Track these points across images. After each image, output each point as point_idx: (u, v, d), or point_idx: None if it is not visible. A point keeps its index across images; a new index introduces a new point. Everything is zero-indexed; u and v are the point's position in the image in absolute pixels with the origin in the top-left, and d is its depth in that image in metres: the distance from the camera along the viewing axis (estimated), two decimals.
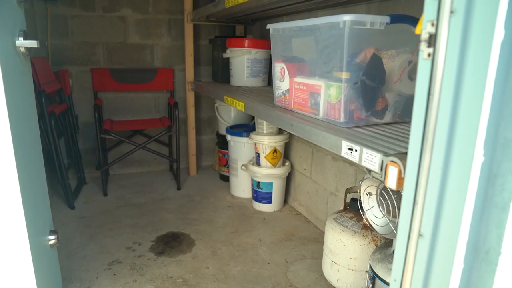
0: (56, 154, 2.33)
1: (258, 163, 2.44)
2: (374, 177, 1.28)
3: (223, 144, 2.89)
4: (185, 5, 2.84)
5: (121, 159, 2.77)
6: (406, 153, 0.76)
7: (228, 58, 2.47)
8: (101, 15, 2.85)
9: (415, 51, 1.23)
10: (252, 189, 2.51)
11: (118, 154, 3.00)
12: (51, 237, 1.37)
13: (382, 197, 1.30)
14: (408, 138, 1.03)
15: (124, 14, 2.91)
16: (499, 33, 0.55)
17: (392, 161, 0.86)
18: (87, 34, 2.84)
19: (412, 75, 1.26)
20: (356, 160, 0.99)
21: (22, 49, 1.14)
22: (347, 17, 1.08)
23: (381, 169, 0.90)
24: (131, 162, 3.16)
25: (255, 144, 2.42)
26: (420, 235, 0.72)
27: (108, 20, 2.87)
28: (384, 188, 1.30)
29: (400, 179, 0.84)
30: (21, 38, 1.12)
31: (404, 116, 1.31)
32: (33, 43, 1.11)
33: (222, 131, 2.92)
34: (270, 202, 2.47)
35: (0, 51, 0.96)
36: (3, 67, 0.97)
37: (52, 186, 2.67)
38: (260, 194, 2.46)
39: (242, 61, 2.35)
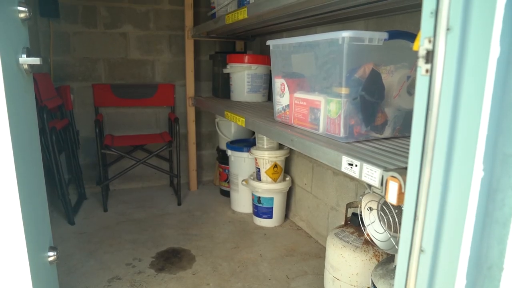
0: (57, 169, 2.33)
1: (258, 178, 2.43)
2: (374, 192, 1.28)
3: (223, 159, 2.89)
4: (185, 22, 2.88)
5: (122, 174, 2.77)
6: (406, 168, 0.77)
7: (228, 74, 2.49)
8: (102, 32, 2.88)
9: (413, 66, 1.25)
10: (253, 204, 2.50)
11: (119, 169, 3.00)
12: (51, 253, 1.36)
13: (383, 212, 1.29)
14: (408, 153, 1.03)
15: (125, 31, 2.94)
16: (495, 50, 0.56)
17: (392, 176, 0.86)
18: (88, 50, 2.88)
19: (411, 90, 1.27)
20: (356, 175, 0.99)
21: (25, 66, 1.15)
22: (346, 34, 1.09)
23: (382, 184, 0.90)
24: (132, 177, 3.16)
25: (256, 159, 2.42)
26: (421, 250, 0.71)
27: (110, 36, 2.91)
28: (385, 203, 1.30)
29: (401, 194, 0.84)
30: (24, 55, 1.13)
31: (403, 130, 1.32)
32: (36, 60, 1.12)
33: (223, 146, 2.93)
34: (271, 217, 2.45)
35: (3, 68, 0.97)
36: (6, 84, 0.98)
37: (52, 201, 2.67)
38: (261, 209, 2.45)
39: (242, 76, 2.37)
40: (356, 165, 0.99)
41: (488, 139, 0.62)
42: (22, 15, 1.12)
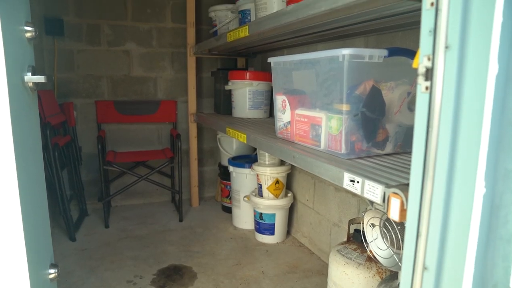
0: (59, 185, 2.33)
1: (260, 194, 2.43)
2: (376, 209, 1.27)
3: (225, 175, 2.89)
4: (188, 39, 2.92)
5: (124, 190, 2.77)
6: (408, 185, 0.77)
7: (230, 90, 2.51)
8: (106, 49, 2.92)
9: (414, 83, 1.26)
10: (255, 220, 2.49)
11: (121, 185, 2.99)
12: (52, 271, 1.35)
13: (385, 229, 1.29)
14: (409, 169, 1.04)
15: (128, 48, 2.98)
16: (493, 67, 0.57)
17: (394, 193, 0.86)
18: (92, 68, 2.91)
19: (411, 106, 1.28)
20: (358, 192, 0.99)
21: (30, 84, 1.17)
22: (346, 51, 1.10)
23: (384, 201, 0.90)
24: (133, 193, 3.15)
25: (257, 175, 2.42)
26: (425, 268, 0.71)
27: (113, 54, 2.95)
28: (387, 219, 1.29)
29: (403, 211, 0.84)
30: (29, 74, 1.14)
31: (405, 146, 1.32)
32: (41, 79, 1.13)
33: (225, 162, 2.93)
34: (273, 233, 2.44)
35: (9, 86, 0.98)
36: (11, 102, 1.00)
37: (54, 217, 2.66)
38: (263, 225, 2.43)
39: (244, 93, 2.39)
40: (357, 182, 0.99)
41: (489, 155, 0.62)
42: (28, 35, 1.14)
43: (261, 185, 2.40)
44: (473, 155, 0.62)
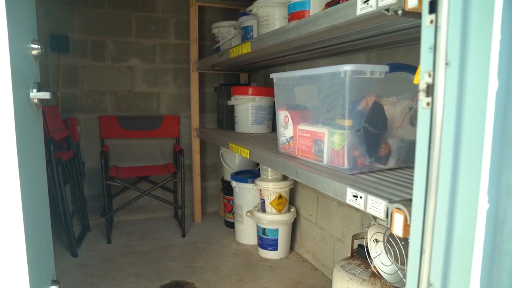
0: (62, 201, 2.33)
1: (263, 209, 2.42)
2: (380, 224, 1.27)
3: (228, 190, 2.88)
4: (191, 55, 2.96)
5: (126, 205, 2.76)
6: (411, 200, 0.76)
7: (232, 105, 2.53)
8: (110, 65, 2.96)
9: (415, 98, 1.26)
10: (258, 236, 2.47)
11: (123, 200, 2.99)
12: (53, 287, 1.34)
13: (389, 244, 1.28)
14: (412, 184, 1.03)
15: (132, 64, 3.02)
16: (493, 84, 0.57)
17: (398, 208, 0.86)
18: (96, 83, 2.94)
19: (413, 120, 1.28)
20: (361, 207, 0.99)
21: (35, 100, 1.18)
22: (348, 67, 1.12)
23: (387, 216, 0.89)
24: (136, 208, 3.15)
25: (260, 190, 2.41)
26: (429, 284, 0.70)
27: (117, 69, 2.98)
28: (391, 235, 1.28)
29: (406, 226, 0.84)
30: (34, 90, 1.16)
31: (407, 161, 1.32)
32: (45, 95, 1.15)
33: (227, 177, 2.93)
34: (276, 249, 2.42)
35: (15, 103, 0.99)
36: (17, 118, 1.01)
37: (56, 233, 2.65)
38: (266, 241, 2.42)
39: (247, 108, 2.40)
40: (360, 197, 0.99)
41: (492, 171, 0.62)
42: (34, 52, 1.16)
43: (264, 200, 2.40)
44: (476, 170, 0.62)
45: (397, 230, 0.85)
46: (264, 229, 2.40)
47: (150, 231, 2.90)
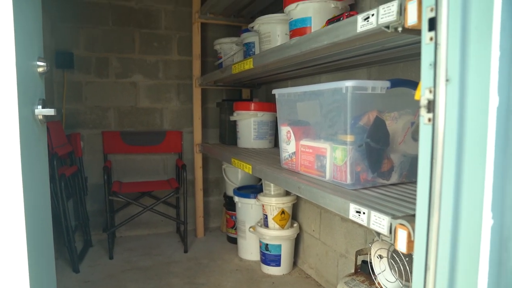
0: (64, 216, 2.33)
1: (266, 224, 2.41)
2: (383, 240, 1.26)
3: (230, 205, 2.87)
4: (193, 71, 2.99)
5: (129, 221, 2.76)
6: (414, 215, 0.76)
7: (235, 121, 2.54)
8: (114, 81, 2.99)
9: (417, 113, 1.27)
10: (261, 251, 2.45)
11: (126, 216, 2.99)
12: None
13: (393, 260, 1.26)
14: (415, 199, 1.03)
15: (135, 80, 3.04)
16: (494, 100, 0.58)
17: (401, 224, 0.85)
18: (100, 99, 2.96)
19: (415, 135, 1.28)
20: (364, 223, 0.98)
21: (40, 117, 1.19)
22: (349, 83, 1.12)
23: (390, 232, 0.89)
24: (138, 224, 3.14)
25: (263, 206, 2.40)
26: None
27: (121, 85, 3.01)
28: (395, 250, 1.27)
29: (410, 242, 0.83)
30: (39, 107, 1.17)
31: (410, 176, 1.32)
32: (50, 111, 1.16)
33: (230, 193, 2.92)
34: (279, 265, 2.40)
35: (20, 119, 1.00)
36: (22, 134, 1.02)
37: (58, 248, 2.64)
38: (269, 256, 2.40)
39: (249, 123, 2.41)
40: (363, 213, 0.98)
41: (495, 186, 0.62)
42: (40, 69, 1.18)
43: (266, 215, 2.39)
44: (479, 186, 0.62)
45: (401, 246, 0.84)
46: (267, 244, 2.38)
47: (152, 246, 2.89)
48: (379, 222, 0.93)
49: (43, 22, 1.32)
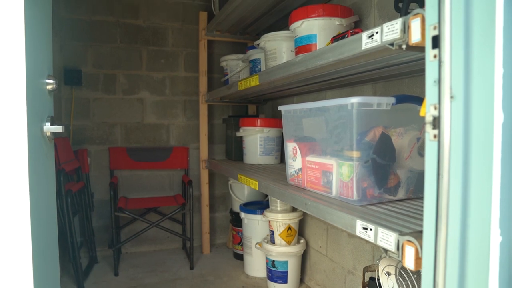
0: (70, 233, 2.33)
1: (272, 241, 2.39)
2: (391, 257, 1.24)
3: (237, 221, 2.86)
4: (200, 88, 3.02)
5: (134, 237, 2.75)
6: (422, 232, 0.76)
7: (241, 137, 2.55)
8: (121, 98, 3.02)
9: (423, 128, 1.27)
10: (267, 268, 2.43)
11: (132, 232, 2.98)
12: None
13: (401, 277, 1.25)
14: (423, 215, 1.02)
15: (142, 97, 3.08)
16: (499, 116, 0.58)
17: (408, 241, 0.85)
18: (107, 115, 3.00)
19: (421, 151, 1.28)
20: (371, 240, 0.98)
21: (48, 134, 1.21)
22: (355, 100, 1.13)
23: (398, 249, 0.88)
24: (144, 240, 3.13)
25: (269, 222, 2.39)
26: None
27: (127, 102, 3.04)
28: (403, 267, 1.26)
29: (418, 259, 0.82)
30: (48, 124, 1.19)
31: (417, 192, 1.31)
32: (58, 128, 1.18)
33: (236, 208, 2.91)
34: (285, 281, 2.37)
35: (29, 136, 1.02)
36: (30, 151, 1.03)
37: (63, 265, 2.64)
38: (275, 273, 2.37)
39: (255, 139, 2.42)
40: (370, 229, 0.98)
41: (502, 203, 0.62)
42: (49, 87, 1.20)
43: (273, 231, 2.37)
44: (486, 202, 0.62)
45: (409, 263, 0.84)
46: (274, 261, 2.36)
47: (158, 263, 2.87)
48: (386, 238, 0.92)
49: (53, 40, 1.35)
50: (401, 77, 1.59)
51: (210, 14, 2.96)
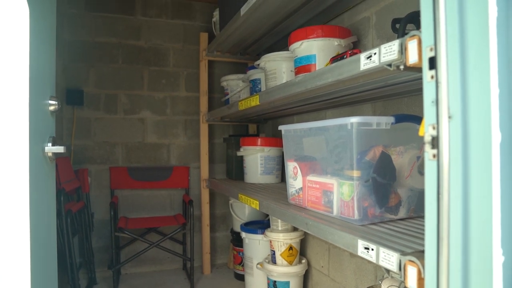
0: (69, 253, 2.31)
1: (273, 261, 2.36)
2: (393, 277, 1.23)
3: (237, 241, 2.84)
4: (200, 107, 3.04)
5: (134, 257, 2.72)
6: (424, 251, 0.75)
7: (242, 156, 2.55)
8: (122, 117, 3.04)
9: (422, 147, 1.27)
10: None
11: (132, 252, 2.95)
12: None
13: None
14: (424, 235, 1.02)
15: (143, 116, 3.10)
16: (496, 136, 0.59)
17: (410, 261, 0.84)
18: (108, 135, 3.01)
19: (422, 170, 1.28)
20: (373, 260, 0.97)
21: (50, 154, 1.22)
22: (354, 119, 1.14)
23: (400, 269, 0.87)
24: (144, 260, 3.10)
25: (270, 241, 2.37)
26: None
27: (129, 121, 3.06)
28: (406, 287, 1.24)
29: (421, 280, 0.82)
30: (49, 144, 1.20)
31: (418, 210, 1.30)
32: (60, 149, 1.18)
33: (237, 228, 2.89)
34: None
35: (30, 157, 1.02)
36: (31, 172, 1.03)
37: (61, 286, 2.60)
38: None
39: (256, 159, 2.43)
40: (372, 249, 0.97)
41: (503, 223, 0.62)
42: (51, 108, 1.21)
43: (274, 251, 2.35)
44: (487, 222, 0.62)
45: (411, 283, 0.83)
46: (275, 281, 2.33)
47: (158, 284, 2.83)
48: (388, 258, 0.91)
49: (56, 61, 1.37)
50: (400, 96, 1.60)
51: (210, 35, 3.00)
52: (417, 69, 0.79)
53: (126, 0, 3.06)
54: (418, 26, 1.12)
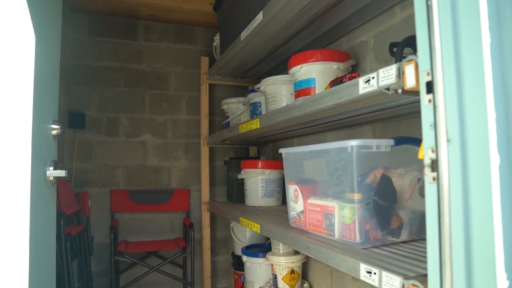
0: (68, 278, 2.28)
1: (275, 285, 2.33)
2: None
3: (238, 265, 2.80)
4: (201, 130, 3.06)
5: (134, 282, 2.68)
6: (427, 275, 0.75)
7: (242, 179, 2.55)
8: (123, 140, 3.06)
9: (422, 169, 1.27)
10: None
11: (131, 276, 2.91)
12: None
13: None
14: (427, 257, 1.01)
15: (144, 139, 3.11)
16: (495, 159, 0.59)
17: (414, 285, 0.83)
18: (109, 158, 3.02)
19: (422, 192, 1.28)
20: (376, 284, 0.96)
21: (51, 178, 1.22)
22: (354, 142, 1.15)
23: None
24: (144, 285, 3.04)
25: (272, 265, 2.34)
26: None
27: (130, 144, 3.07)
28: None
29: None
30: (51, 168, 1.20)
31: (420, 233, 1.29)
32: (61, 173, 1.19)
33: (238, 251, 2.86)
34: None
35: (32, 181, 1.03)
36: (32, 196, 1.04)
37: None
38: None
39: (256, 181, 2.42)
40: (375, 273, 0.96)
41: (506, 246, 0.61)
42: (54, 132, 1.22)
43: (276, 275, 2.31)
44: (489, 245, 0.62)
45: None
46: None
47: None
48: (391, 282, 0.90)
49: (59, 85, 1.39)
50: (399, 118, 1.61)
51: (211, 59, 3.05)
52: (415, 92, 0.81)
53: (128, 25, 3.12)
54: (415, 50, 1.14)
